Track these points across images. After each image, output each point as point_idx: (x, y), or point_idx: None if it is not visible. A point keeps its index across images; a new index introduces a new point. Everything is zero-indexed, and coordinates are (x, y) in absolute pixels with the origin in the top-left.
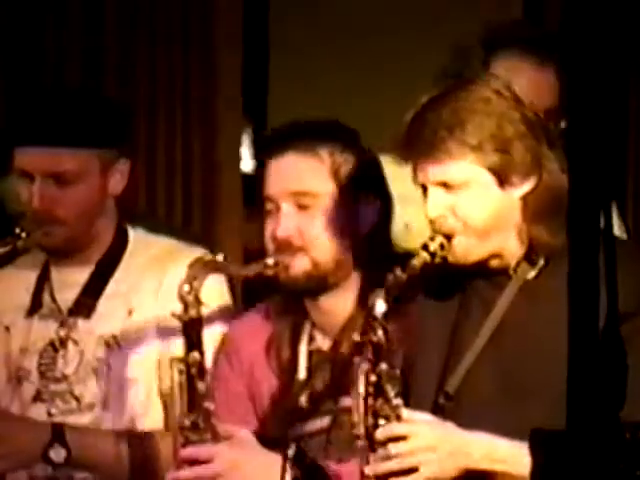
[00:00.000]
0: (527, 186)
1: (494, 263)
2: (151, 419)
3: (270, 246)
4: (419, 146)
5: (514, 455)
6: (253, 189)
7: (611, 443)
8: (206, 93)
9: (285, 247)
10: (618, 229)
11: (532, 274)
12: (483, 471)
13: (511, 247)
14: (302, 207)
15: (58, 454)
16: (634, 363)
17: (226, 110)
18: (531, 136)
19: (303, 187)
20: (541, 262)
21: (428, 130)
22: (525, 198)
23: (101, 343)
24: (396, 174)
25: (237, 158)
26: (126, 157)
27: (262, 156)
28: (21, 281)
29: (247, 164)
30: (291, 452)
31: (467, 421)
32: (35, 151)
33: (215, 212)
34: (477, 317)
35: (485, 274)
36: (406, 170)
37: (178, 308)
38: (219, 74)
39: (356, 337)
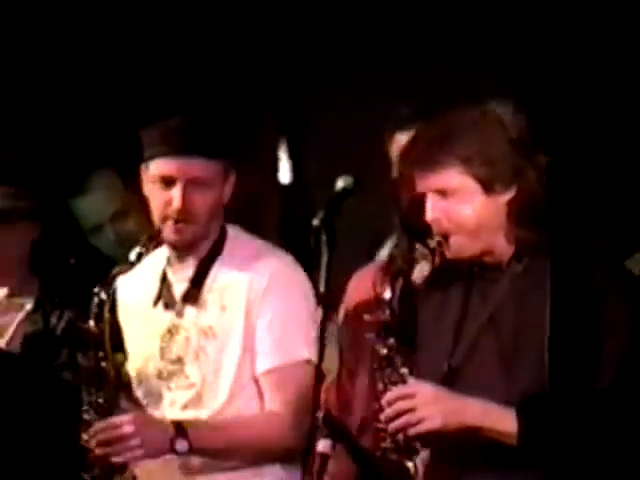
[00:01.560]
0: (509, 194)
1: (487, 259)
2: (235, 407)
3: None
4: (418, 159)
5: (505, 415)
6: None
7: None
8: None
9: None
10: None
11: (519, 269)
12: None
13: (500, 245)
14: None
15: (182, 446)
16: None
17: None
18: (513, 152)
19: None
20: (527, 259)
21: (424, 145)
22: (509, 203)
23: (202, 333)
24: None
25: (276, 172)
26: (234, 168)
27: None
28: (148, 277)
29: (285, 176)
30: (320, 414)
31: (468, 390)
32: (178, 160)
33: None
34: (477, 306)
35: (481, 270)
36: None
37: (258, 306)
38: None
39: (367, 317)
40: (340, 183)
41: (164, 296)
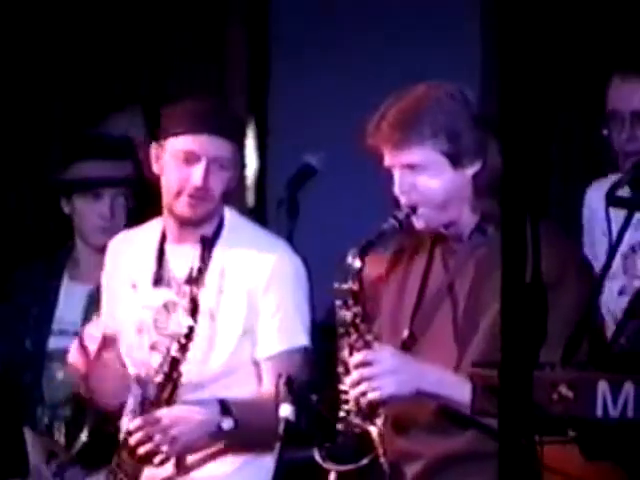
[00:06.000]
0: (475, 167)
1: (450, 230)
2: (224, 386)
3: None
4: (385, 136)
5: (460, 384)
6: None
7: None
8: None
9: None
10: None
11: (482, 240)
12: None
13: (465, 217)
14: None
15: (228, 424)
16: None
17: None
18: (477, 128)
19: None
20: (491, 230)
21: (392, 122)
22: (475, 177)
23: (201, 314)
24: None
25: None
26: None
27: None
28: (141, 250)
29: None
30: (282, 380)
31: (425, 357)
32: (204, 138)
33: None
34: (437, 276)
35: (443, 241)
36: None
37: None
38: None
39: (336, 285)
40: (305, 159)
41: (161, 272)
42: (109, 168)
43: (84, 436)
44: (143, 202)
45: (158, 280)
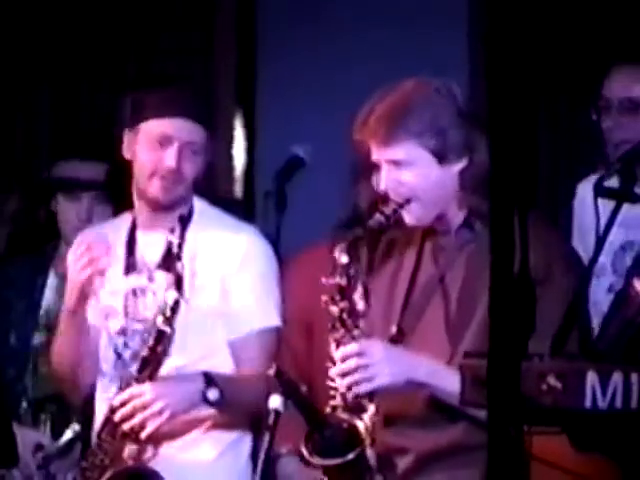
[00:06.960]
0: (462, 163)
1: (438, 226)
2: (209, 363)
3: None
4: (372, 131)
5: (450, 375)
6: None
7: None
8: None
9: None
10: None
11: (470, 235)
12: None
13: (452, 212)
14: None
15: (214, 395)
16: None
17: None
18: (464, 124)
19: None
20: (479, 225)
21: (379, 118)
22: (462, 172)
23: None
24: None
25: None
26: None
27: None
28: (117, 236)
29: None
30: (271, 371)
31: (415, 352)
32: (178, 121)
33: None
34: (427, 271)
35: (431, 236)
36: None
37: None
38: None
39: (324, 280)
40: (294, 150)
41: (133, 259)
42: (88, 170)
43: (70, 432)
44: (120, 206)
45: (129, 267)
